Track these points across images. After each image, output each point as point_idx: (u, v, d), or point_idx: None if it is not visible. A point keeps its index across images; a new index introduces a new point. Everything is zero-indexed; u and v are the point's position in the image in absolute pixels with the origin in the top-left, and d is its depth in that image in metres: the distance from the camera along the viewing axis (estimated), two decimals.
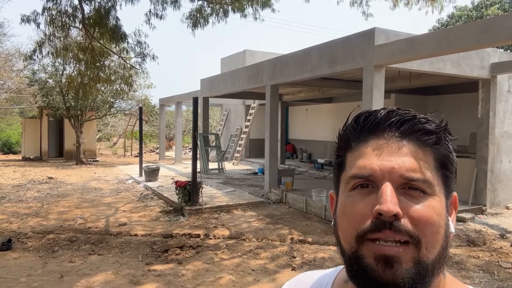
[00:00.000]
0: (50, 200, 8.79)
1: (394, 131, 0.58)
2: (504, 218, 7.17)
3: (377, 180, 0.56)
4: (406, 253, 0.53)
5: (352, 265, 0.56)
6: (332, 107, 15.46)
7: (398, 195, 0.54)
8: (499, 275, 4.55)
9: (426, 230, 0.54)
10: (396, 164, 0.55)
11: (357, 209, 0.56)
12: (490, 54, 7.49)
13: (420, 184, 0.55)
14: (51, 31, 8.57)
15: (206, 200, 8.03)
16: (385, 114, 0.59)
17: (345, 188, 0.60)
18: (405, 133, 0.57)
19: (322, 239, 5.84)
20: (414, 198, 0.55)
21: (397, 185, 0.55)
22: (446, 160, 0.59)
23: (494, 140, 7.69)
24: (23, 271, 4.62)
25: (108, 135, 31.01)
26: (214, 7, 8.92)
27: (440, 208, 0.56)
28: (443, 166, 0.59)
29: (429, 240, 0.54)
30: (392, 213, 0.52)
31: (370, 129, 0.59)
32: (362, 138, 0.60)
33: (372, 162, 0.57)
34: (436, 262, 0.55)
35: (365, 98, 6.50)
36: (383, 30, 6.55)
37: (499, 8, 19.48)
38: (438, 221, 0.55)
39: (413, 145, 0.57)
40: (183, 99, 16.70)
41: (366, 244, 0.54)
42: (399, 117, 0.58)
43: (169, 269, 4.67)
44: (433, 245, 0.54)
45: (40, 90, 16.80)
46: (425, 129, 0.58)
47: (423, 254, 0.53)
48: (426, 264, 0.53)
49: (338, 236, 0.60)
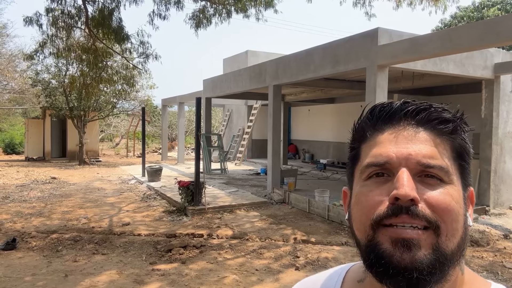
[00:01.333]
0: (54, 200, 8.82)
1: (410, 120, 0.57)
2: (507, 218, 7.15)
3: (393, 167, 0.55)
4: (425, 237, 0.51)
5: (368, 253, 0.54)
6: (335, 107, 15.45)
7: (415, 182, 0.53)
8: (503, 275, 4.54)
9: (445, 216, 0.52)
10: (413, 151, 0.55)
11: (372, 196, 0.55)
12: (494, 54, 7.48)
13: (437, 172, 0.54)
14: (53, 31, 8.60)
15: (209, 200, 8.05)
16: (401, 104, 0.59)
17: (360, 178, 0.59)
18: (422, 121, 0.57)
19: (326, 239, 5.84)
20: (431, 185, 0.54)
21: (414, 172, 0.54)
22: (463, 150, 0.58)
23: (497, 141, 7.67)
24: (27, 270, 4.64)
25: (110, 136, 31.08)
26: (217, 8, 8.93)
27: (458, 197, 0.55)
28: (459, 156, 0.58)
29: (449, 227, 0.52)
30: (409, 197, 0.51)
31: (386, 119, 0.59)
32: (378, 128, 0.59)
33: (388, 150, 0.56)
34: (455, 252, 0.54)
35: (368, 98, 6.50)
36: (386, 30, 6.55)
37: (501, 9, 19.44)
38: (457, 209, 0.54)
39: (429, 133, 0.56)
40: (185, 99, 16.72)
41: (382, 230, 0.53)
42: (415, 107, 0.58)
43: (173, 269, 4.68)
44: (453, 234, 0.53)
45: (43, 91, 16.86)
46: (441, 118, 0.57)
47: (442, 241, 0.52)
48: (446, 252, 0.52)
49: (352, 228, 0.59)
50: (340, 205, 7.13)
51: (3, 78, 19.41)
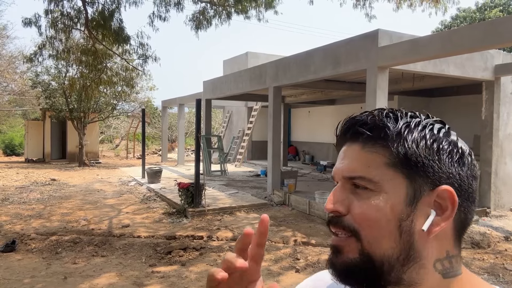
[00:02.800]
0: (53, 201, 8.79)
1: (348, 137, 0.64)
2: (508, 220, 7.13)
3: (336, 181, 0.64)
4: (348, 244, 0.58)
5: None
6: (335, 109, 15.45)
7: (348, 194, 0.60)
8: (504, 278, 4.53)
9: (364, 224, 0.57)
10: (341, 166, 0.62)
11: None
12: (494, 56, 7.47)
13: (360, 181, 0.59)
14: (52, 33, 8.59)
15: (209, 202, 8.03)
16: (343, 122, 0.65)
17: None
18: (353, 137, 0.62)
19: (326, 241, 5.82)
20: (358, 195, 0.59)
21: (343, 183, 0.61)
22: (401, 155, 0.57)
23: (498, 142, 7.66)
24: (26, 272, 4.61)
25: (110, 137, 31.07)
26: (217, 9, 8.94)
27: (383, 203, 0.56)
28: (401, 162, 0.57)
29: (368, 234, 0.57)
30: (328, 210, 0.60)
31: (338, 138, 0.67)
32: (338, 147, 0.67)
33: (335, 166, 0.65)
34: (390, 257, 0.56)
35: (369, 100, 6.49)
36: (387, 32, 6.54)
37: (502, 11, 19.45)
38: (379, 217, 0.56)
39: (358, 147, 0.61)
40: (185, 101, 16.72)
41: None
42: (348, 123, 0.64)
43: (173, 271, 4.66)
44: (377, 239, 0.56)
45: (43, 92, 16.86)
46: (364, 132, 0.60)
47: (365, 246, 0.57)
48: (374, 257, 0.56)
49: None
50: None
51: (3, 79, 19.42)
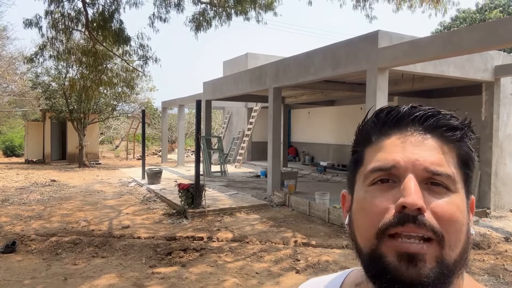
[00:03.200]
0: (53, 202, 8.79)
1: (417, 126, 0.56)
2: (508, 221, 7.13)
3: (399, 173, 0.54)
4: (429, 250, 0.50)
5: (371, 264, 0.54)
6: (335, 110, 15.45)
7: (421, 190, 0.52)
8: (505, 278, 4.52)
9: (450, 227, 0.52)
10: (421, 157, 0.54)
11: (377, 204, 0.54)
12: (494, 57, 7.48)
13: (444, 180, 0.53)
14: (53, 34, 8.60)
15: (209, 202, 8.02)
16: (408, 109, 0.58)
17: (363, 183, 0.58)
18: (429, 128, 0.56)
19: (326, 242, 5.82)
20: (437, 193, 0.53)
21: (420, 179, 0.53)
22: (468, 158, 0.58)
23: (497, 143, 7.66)
24: (27, 273, 4.61)
25: (110, 138, 31.06)
26: (217, 10, 8.94)
27: (462, 206, 0.54)
28: (465, 164, 0.57)
29: (452, 238, 0.52)
30: (416, 206, 0.50)
31: (392, 124, 0.58)
32: (384, 132, 0.58)
33: (395, 155, 0.55)
34: (458, 262, 0.53)
35: (369, 101, 6.49)
36: (387, 33, 6.55)
37: (502, 12, 19.46)
38: (462, 219, 0.53)
39: (437, 140, 0.56)
40: (185, 102, 16.73)
41: (387, 241, 0.52)
42: (423, 112, 0.57)
43: (173, 272, 4.66)
44: (456, 244, 0.52)
45: (43, 93, 16.86)
46: (449, 125, 0.56)
47: (446, 253, 0.51)
48: (449, 263, 0.51)
49: (354, 235, 0.58)
50: (341, 208, 7.09)
51: (3, 80, 19.42)
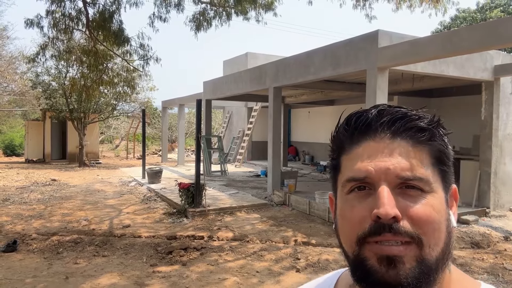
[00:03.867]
0: (54, 202, 8.81)
1: (386, 131, 0.57)
2: (508, 220, 7.15)
3: (373, 181, 0.55)
4: (408, 252, 0.52)
5: (356, 268, 0.56)
6: (334, 109, 15.47)
7: (395, 196, 0.54)
8: (504, 277, 4.54)
9: (427, 228, 0.53)
10: (391, 165, 0.55)
11: (355, 213, 0.56)
12: (493, 56, 7.49)
13: (417, 183, 0.54)
14: (54, 34, 8.61)
15: (209, 202, 8.04)
16: (376, 113, 0.59)
17: (342, 191, 0.60)
18: (398, 132, 0.57)
19: (326, 241, 5.84)
20: (412, 197, 0.54)
21: (393, 185, 0.54)
22: (442, 155, 0.58)
23: (497, 143, 7.68)
24: (28, 272, 4.63)
25: (110, 138, 31.08)
26: (217, 10, 8.95)
27: (439, 205, 0.55)
28: (439, 162, 0.58)
29: (431, 238, 0.53)
30: (389, 216, 0.52)
31: (362, 130, 0.59)
32: (355, 140, 0.59)
33: (367, 164, 0.56)
34: (440, 259, 0.54)
35: (369, 100, 6.51)
36: (387, 33, 6.56)
37: (503, 11, 19.47)
38: (438, 219, 0.54)
39: (406, 144, 0.56)
40: (185, 101, 16.74)
41: (368, 246, 0.54)
42: (390, 116, 0.58)
43: (174, 271, 4.68)
44: (436, 243, 0.54)
45: (43, 93, 16.87)
46: (417, 126, 0.57)
47: (425, 252, 0.53)
48: (430, 262, 0.53)
49: (340, 240, 0.60)
50: None
51: (3, 80, 19.44)
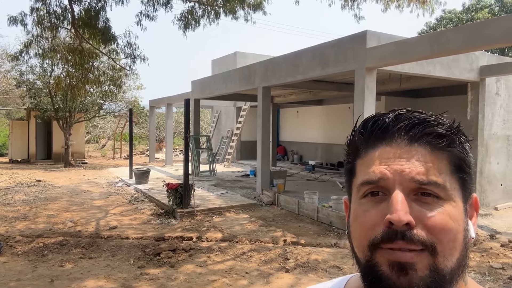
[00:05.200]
0: (39, 203, 8.64)
1: (403, 136, 0.56)
2: (493, 219, 7.26)
3: (387, 185, 0.54)
4: (421, 259, 0.51)
5: (367, 274, 0.55)
6: (323, 109, 15.53)
7: (410, 202, 0.52)
8: (490, 276, 4.60)
9: (442, 237, 0.52)
10: (407, 168, 0.53)
11: (368, 218, 0.55)
12: (479, 57, 7.60)
13: (433, 188, 0.53)
14: (39, 31, 8.44)
15: (198, 202, 7.99)
16: (393, 118, 0.57)
17: (356, 195, 0.59)
18: (415, 137, 0.55)
19: (315, 240, 5.84)
20: (428, 204, 0.53)
21: (408, 190, 0.53)
22: (462, 162, 0.57)
23: (483, 142, 7.79)
24: (12, 275, 4.52)
25: (97, 137, 30.68)
26: (205, 9, 8.89)
27: (456, 214, 0.54)
28: (459, 169, 0.56)
29: (445, 247, 0.52)
30: (402, 222, 0.50)
31: (378, 135, 0.58)
32: (371, 144, 0.58)
33: (382, 167, 0.55)
34: (455, 269, 0.53)
35: (357, 100, 6.54)
36: (375, 33, 6.60)
37: (489, 12, 19.80)
38: (455, 228, 0.53)
39: (424, 150, 0.55)
40: (173, 100, 16.62)
41: (380, 251, 0.53)
42: (408, 121, 0.56)
43: (162, 273, 4.62)
44: (451, 253, 0.52)
45: (27, 92, 16.55)
46: (436, 132, 0.56)
47: (439, 261, 0.51)
48: (444, 272, 0.51)
49: (352, 245, 0.59)
50: (329, 207, 7.15)
51: None
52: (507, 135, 8.28)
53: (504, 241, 5.83)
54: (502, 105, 8.15)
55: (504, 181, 8.27)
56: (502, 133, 8.18)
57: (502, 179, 8.23)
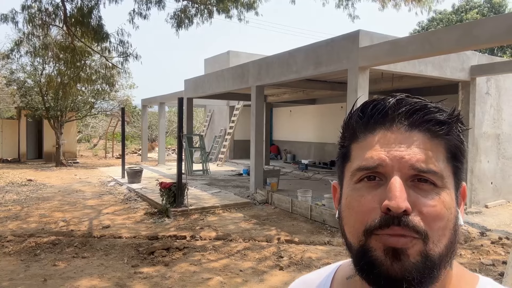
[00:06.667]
0: (30, 202, 8.56)
1: (403, 121, 0.55)
2: (484, 216, 7.36)
3: (385, 171, 0.53)
4: (413, 245, 0.51)
5: (360, 258, 0.54)
6: (316, 108, 15.59)
7: (407, 188, 0.52)
8: (481, 272, 4.67)
9: (435, 224, 0.52)
10: (407, 154, 0.53)
11: (364, 203, 0.54)
12: (470, 57, 7.69)
13: (431, 176, 0.53)
14: (30, 29, 8.36)
15: (192, 201, 7.98)
16: (394, 102, 0.56)
17: (351, 180, 0.58)
18: (415, 123, 0.55)
19: (309, 238, 5.88)
20: (424, 191, 0.53)
21: (406, 177, 0.53)
22: (458, 151, 0.57)
23: (473, 141, 7.89)
24: (4, 275, 4.48)
25: (88, 137, 30.43)
26: (198, 8, 8.88)
27: (450, 202, 0.54)
28: (454, 157, 0.57)
29: (435, 234, 0.52)
30: (401, 209, 0.50)
31: (377, 119, 0.56)
32: (369, 128, 0.57)
33: (380, 153, 0.54)
34: (443, 255, 0.53)
35: (350, 100, 6.58)
36: (368, 33, 6.65)
37: (478, 13, 20.02)
38: (447, 216, 0.53)
39: (423, 136, 0.55)
40: (166, 99, 16.55)
41: (375, 237, 0.53)
42: (408, 106, 0.56)
43: (156, 272, 4.61)
44: (440, 239, 0.53)
45: (18, 90, 16.36)
46: (436, 119, 0.55)
47: (429, 248, 0.52)
48: (434, 257, 0.52)
49: (343, 230, 0.58)
50: (322, 205, 7.19)
51: None
52: (497, 134, 8.40)
53: (495, 238, 5.92)
54: (492, 104, 8.26)
55: (494, 179, 8.38)
56: (492, 132, 8.29)
57: (492, 177, 8.35)
